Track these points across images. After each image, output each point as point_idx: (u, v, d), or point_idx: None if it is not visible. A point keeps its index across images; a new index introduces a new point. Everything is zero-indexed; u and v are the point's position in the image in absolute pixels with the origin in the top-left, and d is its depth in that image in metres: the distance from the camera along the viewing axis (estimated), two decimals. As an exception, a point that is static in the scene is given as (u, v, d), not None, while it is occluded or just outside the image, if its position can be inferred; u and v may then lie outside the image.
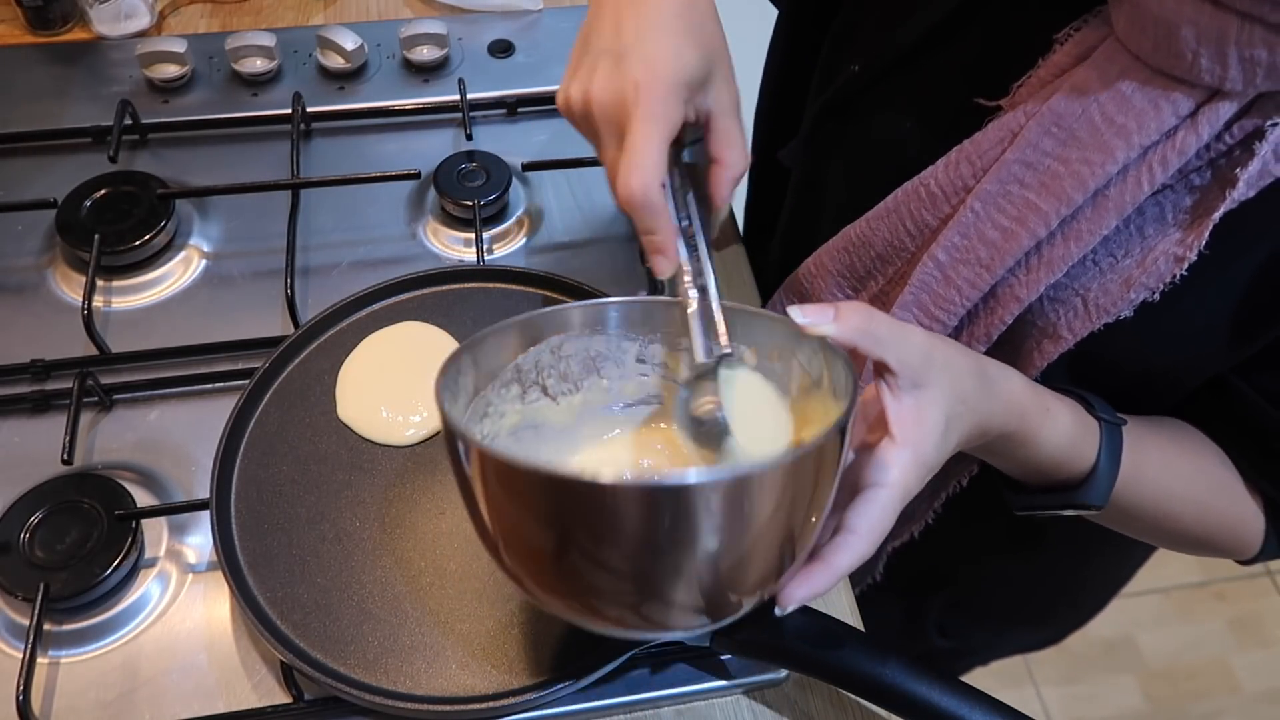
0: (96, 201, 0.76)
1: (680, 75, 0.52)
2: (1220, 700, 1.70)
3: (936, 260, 0.57)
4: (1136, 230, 0.53)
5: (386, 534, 0.62)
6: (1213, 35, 0.45)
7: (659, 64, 0.52)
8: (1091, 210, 0.52)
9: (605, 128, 0.53)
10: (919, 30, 0.58)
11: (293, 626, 0.59)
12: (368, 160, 0.84)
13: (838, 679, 0.55)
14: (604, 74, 0.53)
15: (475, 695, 0.57)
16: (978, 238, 0.55)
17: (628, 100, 0.52)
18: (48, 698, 0.58)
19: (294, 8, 0.96)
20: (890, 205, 0.60)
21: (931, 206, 0.58)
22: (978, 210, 0.55)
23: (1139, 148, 0.49)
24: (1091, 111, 0.50)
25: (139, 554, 0.63)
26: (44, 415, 0.69)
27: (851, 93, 0.64)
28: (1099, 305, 0.55)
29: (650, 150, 0.51)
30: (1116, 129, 0.49)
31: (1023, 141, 0.53)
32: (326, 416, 0.67)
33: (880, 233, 0.61)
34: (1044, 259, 0.54)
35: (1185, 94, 0.48)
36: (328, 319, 0.70)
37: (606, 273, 0.77)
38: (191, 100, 0.86)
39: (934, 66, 0.59)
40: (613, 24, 0.54)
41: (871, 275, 0.64)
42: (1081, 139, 0.51)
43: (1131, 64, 0.49)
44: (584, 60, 0.54)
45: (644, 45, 0.52)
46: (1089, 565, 0.85)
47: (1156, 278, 0.52)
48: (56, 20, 0.90)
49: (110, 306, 0.74)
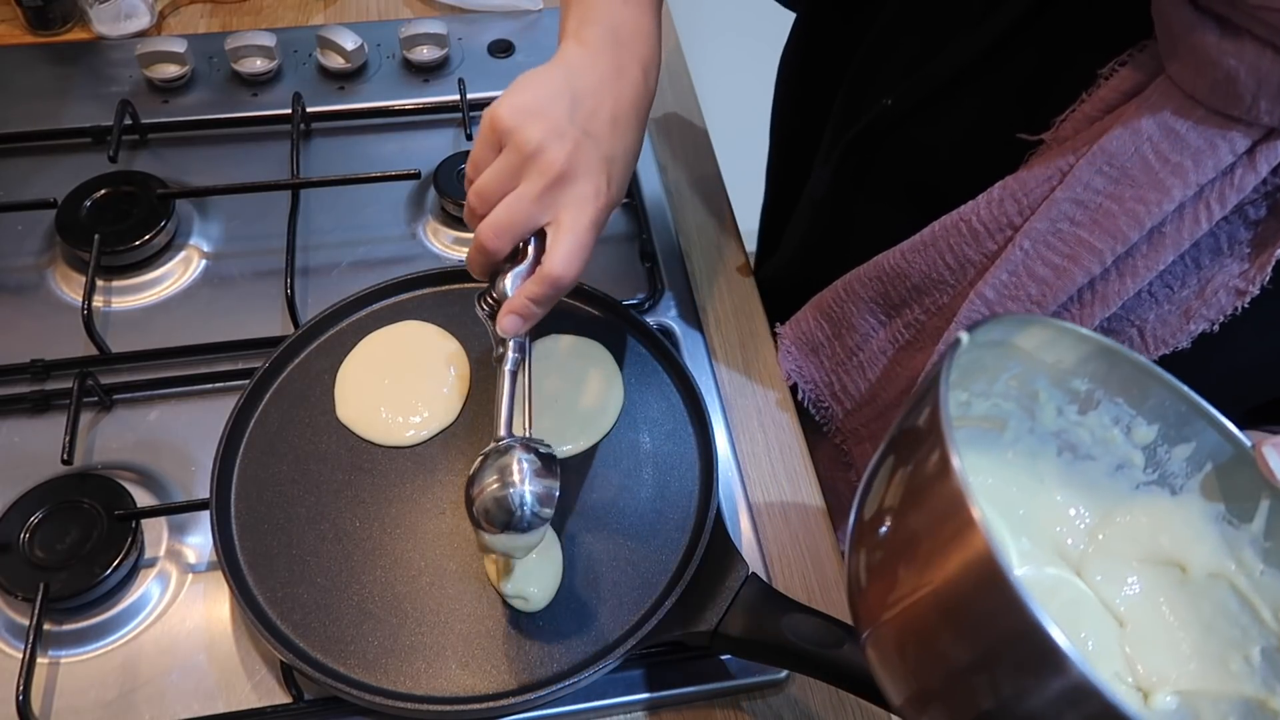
0: (96, 201, 0.76)
1: (614, 207, 0.58)
2: (1220, 700, 1.69)
3: (984, 298, 0.57)
4: (1192, 261, 0.52)
5: (386, 534, 0.62)
6: (1274, 82, 0.44)
7: (619, 189, 0.58)
8: (1148, 247, 0.51)
9: (550, 191, 0.55)
10: (954, 64, 0.58)
11: (293, 626, 0.59)
12: (368, 160, 0.84)
13: (838, 679, 0.55)
14: (589, 159, 0.55)
15: (475, 695, 0.57)
16: (1028, 275, 0.55)
17: (586, 198, 0.55)
18: (48, 698, 0.58)
19: (294, 8, 0.96)
20: (927, 238, 0.60)
21: (974, 242, 0.57)
22: (1027, 249, 0.54)
23: (1195, 186, 0.48)
24: (1145, 150, 0.49)
25: (139, 554, 0.63)
26: (44, 415, 0.69)
27: (882, 127, 0.63)
28: (1157, 336, 0.54)
29: (591, 250, 0.55)
30: (1172, 168, 0.48)
31: (1073, 180, 0.52)
32: (326, 416, 0.67)
33: (917, 265, 0.61)
34: (1099, 294, 0.54)
35: (1243, 132, 0.47)
36: (328, 319, 0.70)
37: (607, 273, 0.77)
38: (191, 100, 0.86)
39: (970, 101, 0.58)
40: (602, 101, 0.57)
41: (907, 304, 0.63)
42: (1135, 178, 0.50)
43: (1185, 103, 0.48)
44: (570, 129, 0.55)
45: (617, 164, 0.57)
46: None
47: (1217, 309, 0.52)
48: (56, 20, 0.90)
49: (110, 306, 0.74)
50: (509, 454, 0.53)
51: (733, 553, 0.60)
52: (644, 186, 0.82)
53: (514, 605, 0.59)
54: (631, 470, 0.66)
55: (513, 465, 0.53)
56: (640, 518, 0.64)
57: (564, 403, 0.67)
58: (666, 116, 0.90)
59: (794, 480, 0.70)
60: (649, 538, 0.63)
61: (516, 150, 0.55)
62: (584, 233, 0.55)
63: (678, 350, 0.72)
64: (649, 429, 0.67)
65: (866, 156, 0.66)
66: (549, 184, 0.54)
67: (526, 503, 0.52)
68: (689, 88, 0.93)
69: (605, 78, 0.58)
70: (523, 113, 0.55)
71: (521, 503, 0.52)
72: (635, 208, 0.81)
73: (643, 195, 0.82)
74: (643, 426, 0.68)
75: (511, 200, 0.55)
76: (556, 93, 0.56)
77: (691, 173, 0.86)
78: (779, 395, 0.73)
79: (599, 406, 0.68)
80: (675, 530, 0.63)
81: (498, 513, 0.52)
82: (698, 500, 0.64)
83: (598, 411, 0.67)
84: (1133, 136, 0.49)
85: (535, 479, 0.53)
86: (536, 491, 0.52)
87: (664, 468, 0.66)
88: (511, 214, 0.55)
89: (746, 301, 0.78)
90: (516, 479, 0.52)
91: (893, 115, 0.62)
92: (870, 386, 0.67)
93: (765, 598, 0.58)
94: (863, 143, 0.66)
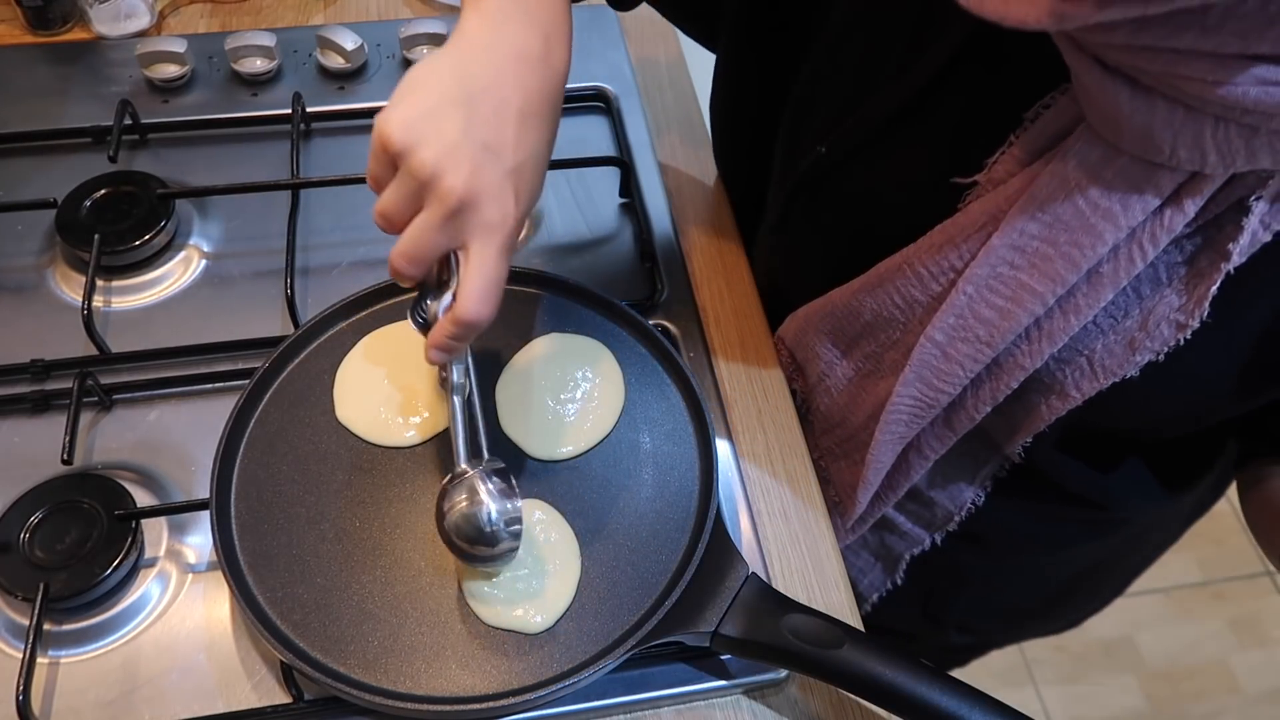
0: (96, 201, 0.76)
1: (529, 213, 0.55)
2: (1220, 700, 1.70)
3: (934, 340, 0.57)
4: (1133, 291, 0.53)
5: (386, 534, 0.62)
6: (1188, 135, 0.44)
7: (530, 197, 0.54)
8: (1088, 286, 0.52)
9: (452, 220, 0.52)
10: (884, 110, 0.58)
11: (293, 626, 0.59)
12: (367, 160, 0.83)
13: (838, 679, 0.55)
14: (490, 179, 0.52)
15: (475, 695, 0.57)
16: (974, 317, 0.55)
17: (491, 226, 0.52)
18: (48, 698, 0.58)
19: (294, 8, 0.96)
20: (874, 280, 0.60)
21: (919, 284, 0.58)
22: (970, 293, 0.55)
23: (1126, 229, 0.49)
24: (1075, 197, 0.50)
25: (139, 554, 0.63)
26: (44, 415, 0.69)
27: (819, 173, 0.64)
28: (1104, 366, 0.55)
29: (504, 279, 0.53)
30: (1102, 212, 0.49)
31: (1009, 226, 0.52)
32: (326, 416, 0.67)
33: (868, 304, 0.61)
34: (1045, 332, 0.54)
35: (1168, 175, 0.47)
36: (328, 319, 0.70)
37: (606, 273, 0.77)
38: (191, 100, 0.86)
39: (903, 145, 0.59)
40: (504, 97, 0.53)
41: (863, 338, 0.64)
42: (1068, 222, 0.50)
43: (1109, 150, 0.48)
44: (466, 145, 0.51)
45: (525, 171, 0.53)
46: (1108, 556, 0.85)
47: (1161, 341, 0.52)
48: (56, 20, 0.90)
49: (110, 306, 0.74)
50: (473, 479, 0.57)
51: (733, 553, 0.60)
52: (644, 186, 0.82)
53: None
54: (631, 470, 0.66)
55: (478, 488, 0.57)
56: (640, 518, 0.64)
57: (564, 403, 0.67)
58: (667, 116, 0.90)
59: (794, 480, 0.70)
60: (649, 538, 0.63)
61: (411, 175, 0.51)
62: (492, 267, 0.52)
63: (678, 350, 0.72)
64: (649, 429, 0.67)
65: (810, 200, 0.67)
66: (449, 213, 0.51)
67: (494, 519, 0.57)
68: (689, 88, 0.93)
69: (506, 64, 0.53)
70: (412, 130, 0.51)
71: (489, 518, 0.57)
72: (635, 208, 0.81)
73: (643, 195, 0.82)
74: (643, 426, 0.68)
75: (414, 231, 0.52)
76: (448, 98, 0.51)
77: (691, 173, 0.86)
78: (779, 395, 0.74)
79: (599, 407, 0.68)
80: (675, 530, 0.63)
81: (467, 528, 0.57)
82: (698, 500, 0.64)
83: (598, 412, 0.67)
84: (1061, 183, 0.50)
85: (500, 498, 0.57)
86: (501, 509, 0.57)
87: (664, 468, 0.66)
88: (417, 244, 0.52)
89: (746, 301, 0.78)
90: (483, 498, 0.57)
91: (828, 162, 0.62)
92: (839, 410, 0.68)
93: (765, 598, 0.58)
94: (804, 188, 0.66)
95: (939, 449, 0.64)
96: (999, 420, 0.62)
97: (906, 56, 0.56)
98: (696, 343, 0.75)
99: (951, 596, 0.86)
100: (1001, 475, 0.68)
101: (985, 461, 0.68)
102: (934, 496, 0.71)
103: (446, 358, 0.56)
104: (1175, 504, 0.75)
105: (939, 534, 0.74)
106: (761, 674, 0.61)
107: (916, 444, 0.65)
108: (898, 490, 0.69)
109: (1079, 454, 0.66)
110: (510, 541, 0.58)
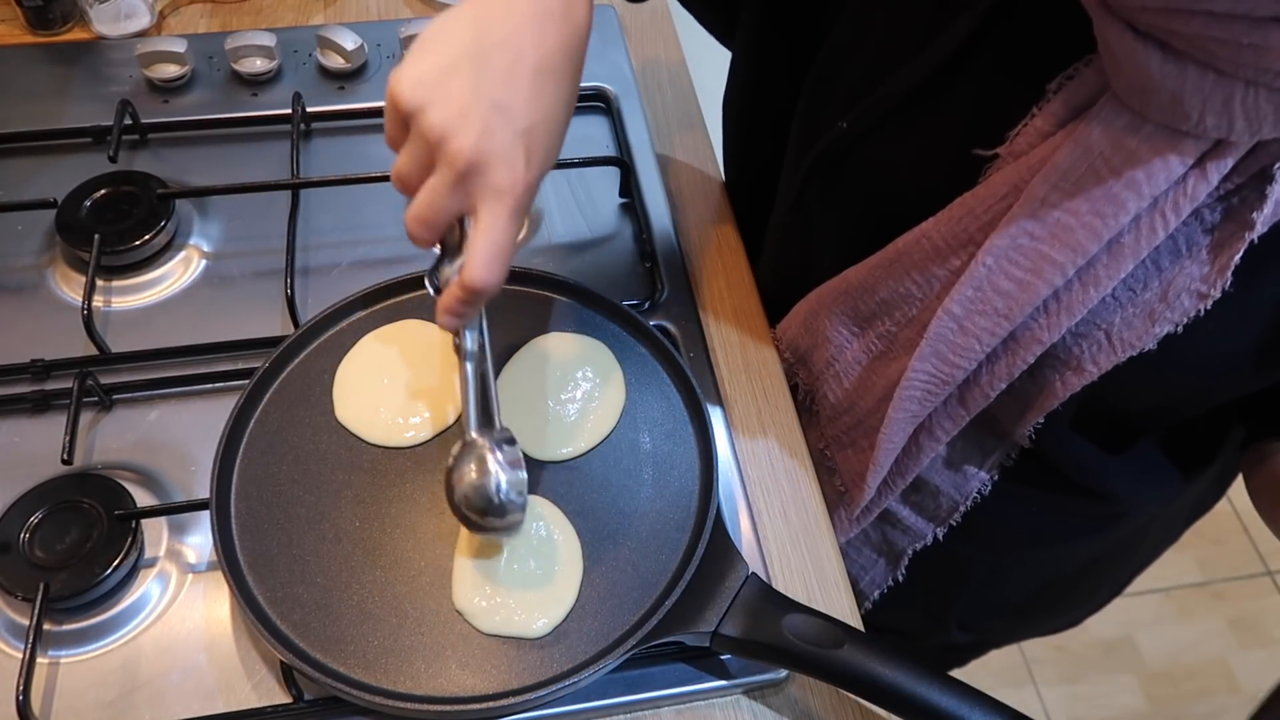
0: (96, 201, 0.76)
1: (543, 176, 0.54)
2: (1220, 700, 1.70)
3: (951, 314, 0.57)
4: (1153, 265, 0.53)
5: (386, 534, 0.62)
6: (1218, 100, 0.44)
7: (545, 158, 0.53)
8: (1108, 257, 0.52)
9: (461, 183, 0.51)
10: (907, 84, 0.58)
11: (293, 626, 0.59)
12: (368, 160, 0.84)
13: (838, 679, 0.55)
14: (500, 142, 0.51)
15: (475, 695, 0.57)
16: (992, 290, 0.55)
17: (500, 189, 0.51)
18: (48, 698, 0.58)
19: (294, 8, 0.95)
20: (891, 255, 0.60)
21: (938, 259, 0.58)
22: (990, 264, 0.54)
23: (1149, 198, 0.49)
24: (1098, 165, 0.50)
25: (139, 554, 0.63)
26: (44, 415, 0.69)
27: (839, 150, 0.64)
28: (1123, 339, 0.55)
29: (513, 244, 0.52)
30: (1125, 181, 0.49)
31: (1030, 196, 0.52)
32: (326, 416, 0.67)
33: (884, 280, 0.61)
34: (1063, 304, 0.54)
35: (1192, 144, 0.47)
36: (328, 319, 0.70)
37: (606, 273, 0.77)
38: (191, 100, 0.86)
39: (925, 118, 0.59)
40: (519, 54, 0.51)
41: (877, 317, 0.64)
42: (1090, 192, 0.50)
43: (1134, 118, 0.48)
44: (476, 106, 0.50)
45: (538, 132, 0.52)
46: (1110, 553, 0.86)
47: (1181, 312, 0.52)
48: (56, 20, 0.90)
49: (110, 306, 0.74)
50: (482, 449, 0.57)
51: (733, 553, 0.60)
52: (644, 186, 0.82)
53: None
54: (631, 470, 0.66)
55: (487, 458, 0.57)
56: (640, 518, 0.64)
57: (564, 403, 0.67)
58: (667, 117, 0.90)
59: (794, 480, 0.70)
60: (649, 538, 0.63)
61: (421, 137, 0.51)
62: (500, 232, 0.51)
63: (678, 350, 0.72)
64: (649, 429, 0.67)
65: (828, 178, 0.67)
66: (458, 176, 0.50)
67: (504, 490, 0.57)
68: (689, 88, 0.93)
69: (524, 19, 0.52)
70: (422, 88, 0.50)
71: (499, 488, 0.57)
72: (635, 208, 0.81)
73: (643, 195, 0.82)
74: (643, 426, 0.68)
75: (426, 193, 0.52)
76: (460, 54, 0.50)
77: (691, 173, 0.86)
78: (779, 395, 0.74)
79: (599, 407, 0.68)
80: (675, 530, 0.63)
81: (477, 499, 0.57)
82: (698, 500, 0.64)
83: (598, 412, 0.67)
84: (1084, 153, 0.50)
85: (510, 469, 0.57)
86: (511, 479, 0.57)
87: (664, 468, 0.66)
88: (428, 208, 0.52)
89: (746, 301, 0.78)
90: (492, 468, 0.57)
91: (849, 137, 0.62)
92: (847, 395, 0.68)
93: (765, 598, 0.58)
94: (822, 165, 0.66)
95: (951, 430, 0.64)
96: (1011, 400, 0.62)
97: (930, 29, 0.56)
98: (696, 343, 0.75)
99: (952, 594, 0.86)
100: (1008, 464, 0.68)
101: (993, 449, 0.67)
102: (940, 485, 0.71)
103: (457, 323, 0.56)
104: (1178, 497, 0.76)
105: (942, 528, 0.74)
106: (761, 674, 0.61)
107: (928, 425, 0.64)
108: (906, 475, 0.69)
109: (1088, 436, 0.65)
110: (518, 513, 0.58)
